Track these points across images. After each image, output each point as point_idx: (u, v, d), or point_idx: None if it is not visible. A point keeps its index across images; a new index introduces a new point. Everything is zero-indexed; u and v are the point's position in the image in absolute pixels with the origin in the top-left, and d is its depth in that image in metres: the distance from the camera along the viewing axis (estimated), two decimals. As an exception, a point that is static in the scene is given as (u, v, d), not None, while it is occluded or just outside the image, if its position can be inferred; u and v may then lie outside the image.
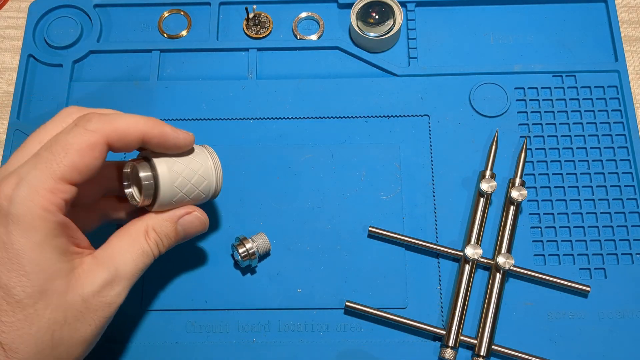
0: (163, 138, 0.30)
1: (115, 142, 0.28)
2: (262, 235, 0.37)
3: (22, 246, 0.25)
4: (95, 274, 0.28)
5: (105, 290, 0.28)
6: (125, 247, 0.30)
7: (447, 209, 0.39)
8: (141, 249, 0.30)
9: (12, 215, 0.25)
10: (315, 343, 0.36)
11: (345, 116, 0.41)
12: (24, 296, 0.25)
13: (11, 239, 0.25)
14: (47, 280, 0.26)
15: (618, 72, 0.42)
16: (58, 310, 0.26)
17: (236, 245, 0.36)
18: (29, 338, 0.25)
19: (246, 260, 0.36)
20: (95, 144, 0.27)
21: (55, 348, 0.26)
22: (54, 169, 0.26)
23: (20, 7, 0.46)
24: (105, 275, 0.28)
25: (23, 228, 0.25)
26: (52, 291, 0.26)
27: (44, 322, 0.26)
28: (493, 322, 0.36)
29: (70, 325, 0.27)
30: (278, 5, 0.45)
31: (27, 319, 0.25)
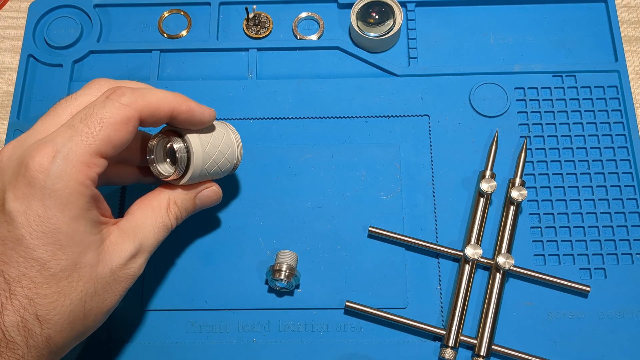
0: (190, 113, 0.31)
1: (148, 117, 0.29)
2: (284, 253, 0.36)
3: (58, 220, 0.26)
4: (122, 247, 0.29)
5: (130, 263, 0.29)
6: (149, 221, 0.31)
7: (447, 209, 0.39)
8: (162, 222, 0.31)
9: (48, 189, 0.25)
10: (315, 343, 0.36)
11: (345, 116, 0.41)
12: (58, 269, 0.26)
13: (47, 213, 0.25)
14: (81, 253, 0.27)
15: (618, 72, 0.42)
16: (89, 282, 0.27)
17: (274, 277, 0.35)
18: (63, 310, 0.26)
19: (291, 279, 0.35)
20: (129, 119, 0.27)
21: (86, 318, 0.27)
22: (89, 142, 0.26)
23: (20, 7, 0.46)
24: (132, 248, 0.29)
25: (60, 202, 0.25)
26: (84, 264, 0.27)
27: (76, 295, 0.27)
28: (493, 322, 0.36)
29: (100, 296, 0.28)
30: (278, 5, 0.45)
31: (61, 291, 0.26)
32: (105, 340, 0.36)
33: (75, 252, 0.26)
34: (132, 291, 0.37)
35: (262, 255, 0.38)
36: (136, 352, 0.36)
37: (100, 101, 0.28)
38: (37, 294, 0.26)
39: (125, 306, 0.37)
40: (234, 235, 0.38)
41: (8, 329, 0.25)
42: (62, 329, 0.26)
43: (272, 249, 0.38)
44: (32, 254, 0.25)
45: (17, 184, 0.26)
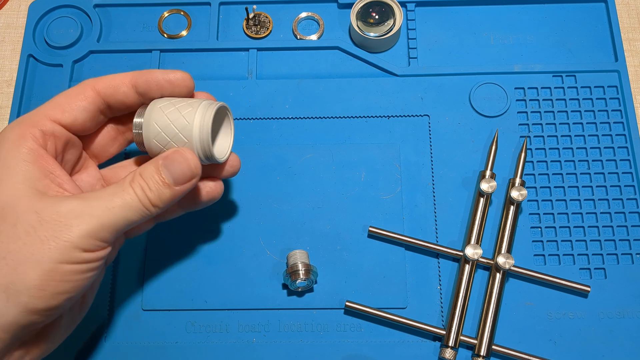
0: (149, 76, 0.31)
1: (102, 88, 0.31)
2: (294, 254, 0.36)
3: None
4: (62, 201, 0.27)
5: (68, 215, 0.26)
6: (108, 191, 0.28)
7: (447, 209, 0.39)
8: (121, 187, 0.28)
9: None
10: (315, 343, 0.36)
11: (345, 116, 0.41)
12: None
13: None
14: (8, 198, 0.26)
15: (618, 72, 0.42)
16: (8, 222, 0.26)
17: (292, 279, 0.35)
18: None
19: (310, 276, 0.35)
20: (82, 91, 0.30)
21: (1, 259, 0.25)
22: (41, 108, 0.29)
23: (20, 7, 0.46)
24: (73, 202, 0.27)
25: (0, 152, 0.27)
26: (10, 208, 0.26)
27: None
28: (493, 322, 0.36)
29: (19, 239, 0.25)
30: (278, 5, 0.45)
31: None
32: (105, 340, 0.36)
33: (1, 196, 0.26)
34: (132, 291, 0.37)
35: (262, 255, 0.38)
36: (136, 352, 0.36)
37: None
38: None
39: (125, 306, 0.37)
40: (234, 235, 0.38)
41: None
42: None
43: (272, 249, 0.38)
44: None
45: None
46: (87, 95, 0.30)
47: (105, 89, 0.31)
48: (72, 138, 0.31)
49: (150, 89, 0.31)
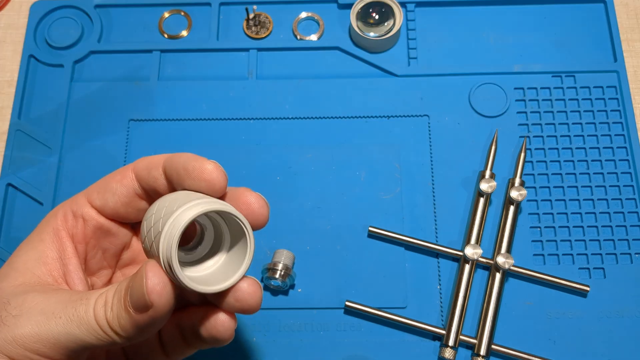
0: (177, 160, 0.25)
1: (140, 170, 0.26)
2: (281, 252, 0.37)
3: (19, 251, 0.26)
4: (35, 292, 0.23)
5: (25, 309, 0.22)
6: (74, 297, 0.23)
7: (447, 209, 0.39)
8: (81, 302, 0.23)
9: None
10: (315, 343, 0.36)
11: (345, 116, 0.42)
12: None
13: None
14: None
15: (617, 72, 0.42)
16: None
17: (269, 276, 0.35)
18: None
19: (286, 279, 0.36)
20: (124, 170, 0.27)
21: None
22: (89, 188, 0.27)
23: (21, 8, 0.47)
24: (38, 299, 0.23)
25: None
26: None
27: None
28: (493, 322, 0.36)
29: None
30: (278, 6, 0.45)
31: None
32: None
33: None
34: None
35: (262, 255, 0.38)
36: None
37: None
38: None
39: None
40: (234, 235, 0.39)
41: None
42: None
43: (272, 248, 0.38)
44: None
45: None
46: (125, 175, 0.26)
47: (141, 170, 0.26)
48: (106, 225, 0.27)
49: (174, 175, 0.25)
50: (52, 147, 0.41)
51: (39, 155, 0.41)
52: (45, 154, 0.41)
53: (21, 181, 0.40)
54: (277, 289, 0.37)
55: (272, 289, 0.37)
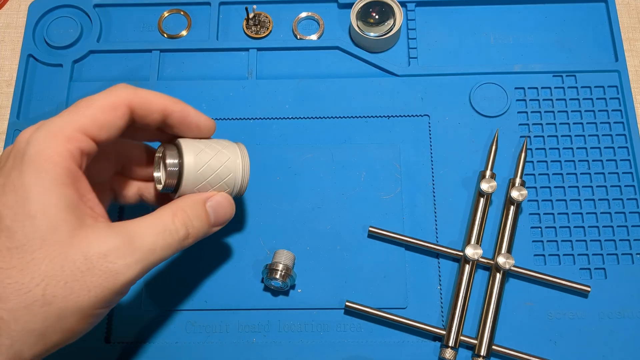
0: (184, 114, 0.30)
1: (137, 107, 0.28)
2: (281, 253, 0.36)
3: (31, 187, 0.25)
4: (105, 237, 0.26)
5: (112, 256, 0.25)
6: (147, 223, 0.27)
7: (447, 209, 0.39)
8: (164, 225, 0.28)
9: (26, 156, 0.25)
10: (315, 343, 0.36)
11: (345, 116, 0.41)
12: (24, 241, 0.24)
13: (22, 180, 0.25)
14: (51, 228, 0.25)
15: (618, 72, 0.42)
16: (55, 263, 0.24)
17: (269, 276, 0.35)
18: (21, 288, 0.24)
19: (286, 280, 0.35)
20: (117, 104, 0.28)
21: (47, 305, 0.24)
22: (74, 118, 0.26)
23: (20, 7, 0.46)
24: (116, 240, 0.26)
25: (34, 169, 0.25)
26: (53, 241, 0.25)
27: (38, 274, 0.24)
28: (493, 322, 0.36)
29: (66, 283, 0.24)
30: (278, 5, 0.45)
31: (22, 266, 0.24)
32: (104, 340, 0.36)
33: (44, 224, 0.24)
34: (132, 291, 0.37)
35: (262, 255, 0.38)
36: (136, 352, 0.36)
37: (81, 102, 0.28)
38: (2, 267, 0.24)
39: (125, 306, 0.37)
40: (234, 235, 0.38)
41: None
42: (17, 313, 0.24)
43: (272, 248, 0.38)
44: (3, 223, 0.24)
45: (5, 161, 0.26)
46: (123, 112, 0.28)
47: (140, 108, 0.29)
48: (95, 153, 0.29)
49: (178, 124, 0.30)
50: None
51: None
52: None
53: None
54: (278, 289, 0.37)
55: (272, 289, 0.37)
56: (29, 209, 0.24)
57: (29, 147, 0.25)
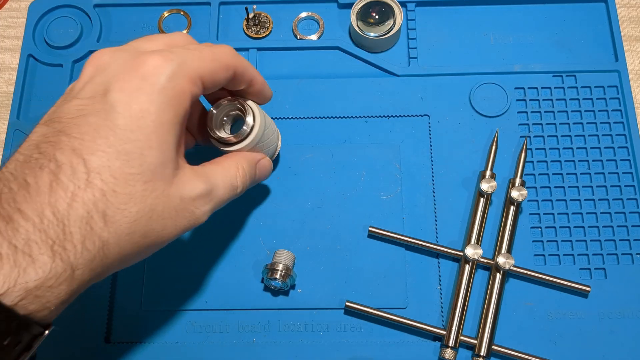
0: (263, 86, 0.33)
1: (237, 73, 0.30)
2: (281, 253, 0.36)
3: (157, 119, 0.25)
4: (195, 182, 0.28)
5: (199, 202, 0.28)
6: (220, 175, 0.30)
7: (447, 209, 0.39)
8: (231, 180, 0.31)
9: (159, 85, 0.26)
10: (315, 343, 0.36)
11: (345, 116, 0.41)
12: (140, 170, 0.25)
13: (150, 108, 0.25)
14: (163, 163, 0.26)
15: (618, 72, 0.42)
16: (159, 198, 0.26)
17: (269, 276, 0.35)
18: (130, 216, 0.25)
19: (286, 280, 0.35)
20: (229, 65, 0.29)
21: (144, 237, 0.26)
22: (202, 64, 0.27)
23: (20, 7, 0.46)
24: (204, 187, 0.28)
25: (165, 101, 0.26)
26: (161, 176, 0.26)
27: (145, 205, 0.25)
28: (493, 322, 0.36)
29: (163, 220, 0.26)
30: (278, 5, 0.45)
31: (134, 195, 0.25)
32: (104, 340, 0.36)
33: (160, 157, 0.25)
34: (132, 291, 0.37)
35: (262, 255, 0.38)
36: (136, 352, 0.36)
37: (205, 44, 0.29)
38: (113, 190, 0.24)
39: (125, 306, 0.37)
40: (234, 235, 0.38)
41: (71, 222, 0.23)
42: (120, 239, 0.25)
43: (272, 248, 0.38)
44: (123, 146, 0.24)
45: (126, 77, 0.26)
46: (230, 75, 0.30)
47: (238, 74, 0.30)
48: None
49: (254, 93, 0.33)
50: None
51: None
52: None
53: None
54: (278, 289, 0.37)
55: (272, 289, 0.37)
56: (151, 140, 0.25)
57: (162, 77, 0.26)
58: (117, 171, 0.24)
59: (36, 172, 0.23)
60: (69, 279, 0.23)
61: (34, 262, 0.22)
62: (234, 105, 0.33)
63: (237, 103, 0.33)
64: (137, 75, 0.26)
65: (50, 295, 0.23)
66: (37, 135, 0.25)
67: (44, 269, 0.22)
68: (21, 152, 0.24)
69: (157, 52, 0.27)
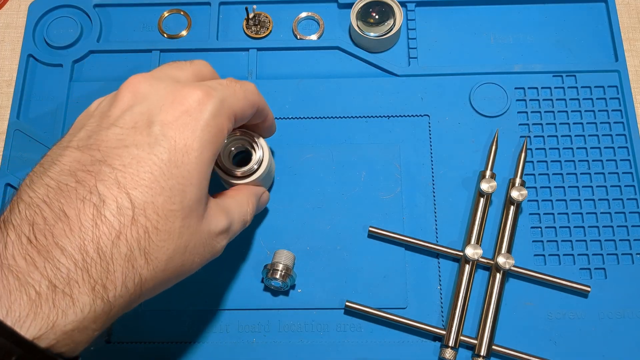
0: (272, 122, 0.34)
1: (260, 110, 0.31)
2: (281, 253, 0.36)
3: (199, 156, 0.25)
4: (220, 217, 0.28)
5: (220, 236, 0.28)
6: (236, 209, 0.30)
7: (447, 209, 0.39)
8: (244, 215, 0.31)
9: (203, 122, 0.25)
10: (315, 343, 0.36)
11: (345, 116, 0.41)
12: (180, 206, 0.24)
13: (194, 144, 0.25)
14: (200, 199, 0.26)
15: (618, 72, 0.42)
16: (193, 234, 0.26)
17: (269, 276, 0.35)
18: (166, 252, 0.24)
19: (286, 280, 0.35)
20: (254, 104, 0.30)
21: (175, 272, 0.26)
22: (239, 104, 0.28)
23: (20, 7, 0.46)
24: (225, 223, 0.28)
25: (207, 138, 0.26)
26: (196, 214, 0.26)
27: (181, 242, 0.25)
28: (493, 322, 0.36)
29: (192, 255, 0.26)
30: (278, 5, 0.45)
31: (173, 232, 0.24)
32: (105, 340, 0.36)
33: (197, 195, 0.25)
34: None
35: (262, 255, 0.38)
36: (136, 352, 0.36)
37: (232, 80, 0.29)
38: (155, 227, 0.24)
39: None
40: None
41: (114, 261, 0.22)
42: (157, 276, 0.24)
43: (272, 248, 0.38)
44: (167, 182, 0.24)
45: (170, 110, 0.25)
46: (253, 112, 0.30)
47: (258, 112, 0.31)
48: None
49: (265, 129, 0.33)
50: (51, 147, 0.41)
51: (38, 155, 0.40)
52: (44, 154, 0.41)
53: (20, 181, 0.40)
54: (278, 289, 0.37)
55: (272, 289, 0.37)
56: (192, 176, 0.25)
57: (206, 113, 0.26)
58: (161, 208, 0.24)
59: (76, 204, 0.22)
60: (105, 318, 0.22)
61: (74, 304, 0.21)
62: (245, 139, 0.34)
63: (248, 137, 0.34)
64: (181, 109, 0.25)
65: (84, 335, 0.22)
66: (70, 160, 0.24)
67: (83, 310, 0.21)
68: (52, 178, 0.23)
69: (197, 86, 0.26)
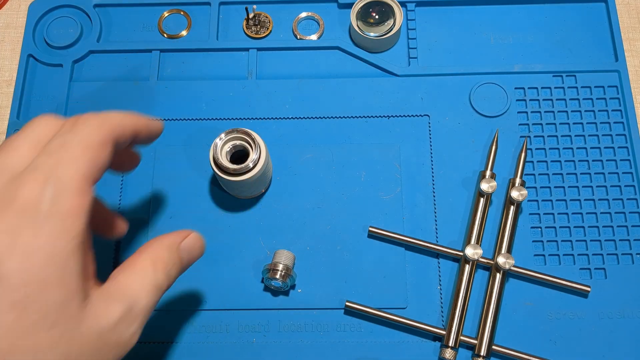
0: (148, 128, 0.29)
1: (119, 136, 0.26)
2: (281, 253, 0.36)
3: (49, 252, 0.22)
4: (110, 307, 0.24)
5: (121, 326, 0.24)
6: (137, 282, 0.26)
7: (447, 209, 0.39)
8: (151, 281, 0.26)
9: (42, 215, 0.22)
10: (315, 343, 0.36)
11: (345, 116, 0.41)
12: (39, 316, 0.21)
13: (38, 242, 0.22)
14: (66, 301, 0.22)
15: (618, 72, 0.42)
16: (72, 344, 0.22)
17: (270, 276, 0.35)
18: None
19: (287, 280, 0.35)
20: (106, 139, 0.25)
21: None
22: (77, 166, 0.23)
23: (20, 7, 0.46)
24: (120, 309, 0.24)
25: (54, 229, 0.22)
26: (68, 317, 0.22)
27: (56, 355, 0.22)
28: (493, 322, 0.36)
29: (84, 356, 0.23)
30: (278, 5, 0.45)
31: (39, 347, 0.22)
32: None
33: (61, 297, 0.22)
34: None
35: (262, 255, 0.38)
36: (136, 352, 0.36)
37: (68, 128, 0.25)
38: (14, 345, 0.21)
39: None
40: (233, 235, 0.38)
41: None
42: None
43: (272, 248, 0.38)
44: (13, 295, 0.21)
45: (2, 217, 0.22)
46: (112, 146, 0.26)
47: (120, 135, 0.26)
48: None
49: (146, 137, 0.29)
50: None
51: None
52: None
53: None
54: (278, 289, 0.37)
55: (272, 289, 0.37)
56: (47, 277, 0.22)
57: (43, 205, 0.22)
58: (13, 326, 0.21)
59: None
60: None
61: None
62: (243, 138, 0.34)
63: (246, 136, 0.34)
64: (12, 213, 0.22)
65: None
66: None
67: None
68: None
69: (30, 172, 0.23)
